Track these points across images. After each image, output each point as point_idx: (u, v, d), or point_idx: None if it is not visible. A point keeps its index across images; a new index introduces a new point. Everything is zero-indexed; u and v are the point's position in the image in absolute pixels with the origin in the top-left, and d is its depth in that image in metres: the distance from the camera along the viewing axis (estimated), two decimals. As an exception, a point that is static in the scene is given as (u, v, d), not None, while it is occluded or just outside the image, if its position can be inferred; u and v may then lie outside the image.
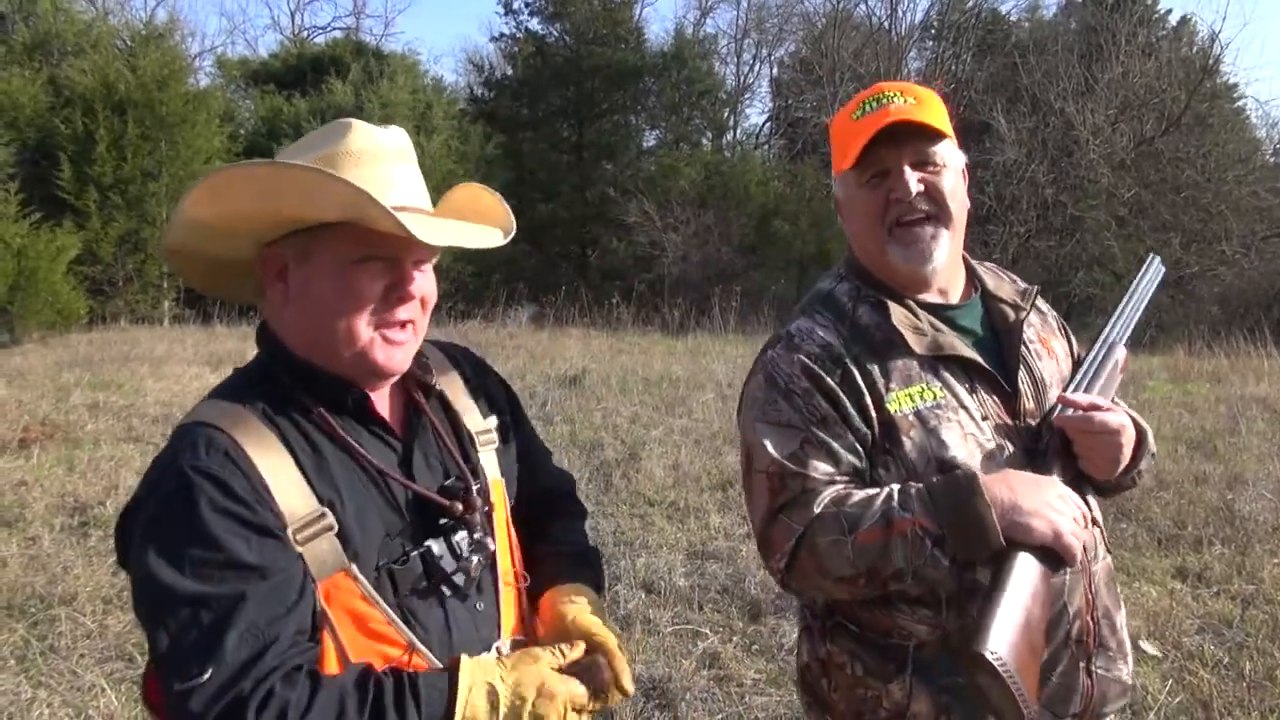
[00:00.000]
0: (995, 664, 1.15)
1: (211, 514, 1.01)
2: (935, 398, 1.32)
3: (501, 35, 24.41)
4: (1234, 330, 13.85)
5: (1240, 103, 23.89)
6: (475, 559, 1.18)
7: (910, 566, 1.22)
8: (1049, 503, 1.23)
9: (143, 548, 1.01)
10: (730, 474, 6.26)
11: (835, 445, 1.30)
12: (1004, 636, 1.17)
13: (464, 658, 1.07)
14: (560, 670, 1.13)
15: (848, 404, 1.31)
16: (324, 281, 1.10)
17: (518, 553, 1.32)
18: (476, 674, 1.04)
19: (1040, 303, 1.53)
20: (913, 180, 1.35)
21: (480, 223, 1.27)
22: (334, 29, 29.93)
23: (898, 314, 1.36)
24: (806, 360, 1.33)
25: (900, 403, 1.31)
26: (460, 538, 1.17)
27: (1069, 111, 19.76)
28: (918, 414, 1.31)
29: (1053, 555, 1.22)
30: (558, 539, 1.39)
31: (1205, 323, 15.34)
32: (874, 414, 1.31)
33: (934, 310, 1.40)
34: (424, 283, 1.16)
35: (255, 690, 0.96)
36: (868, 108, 1.37)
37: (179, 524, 1.01)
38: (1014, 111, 20.47)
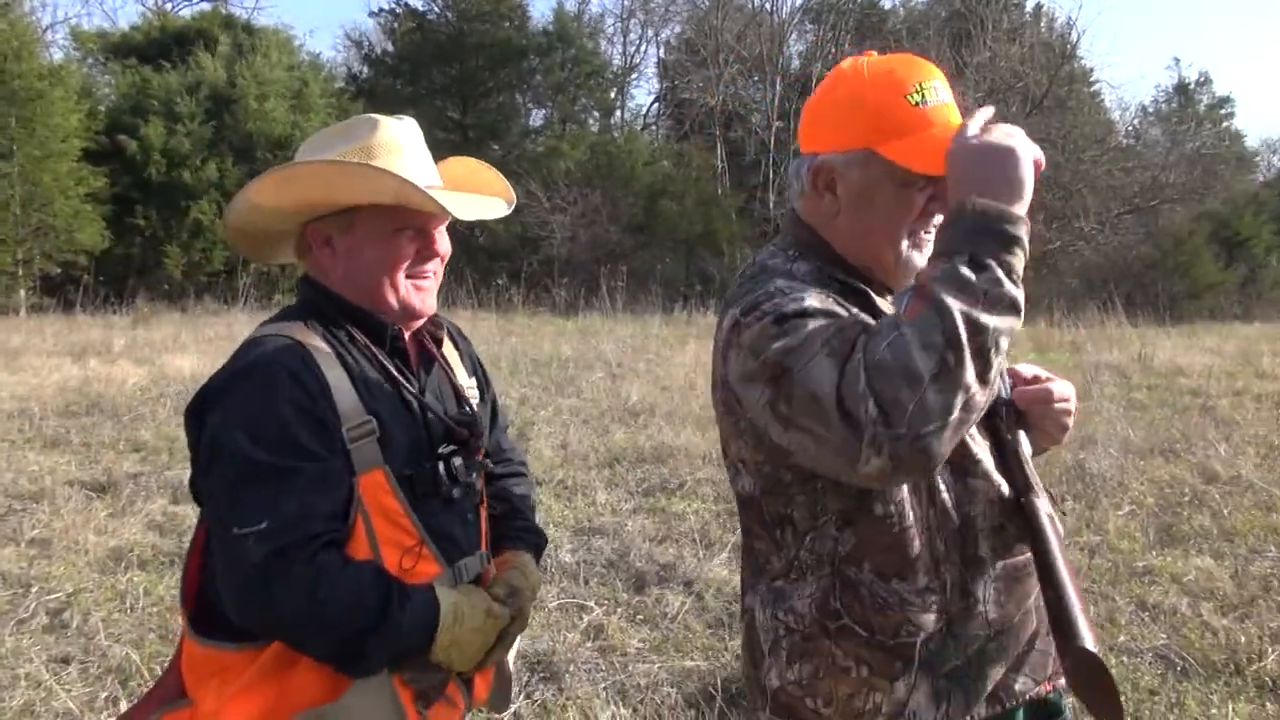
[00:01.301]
0: (1099, 657, 1.09)
1: (286, 403, 1.23)
2: None
3: (381, 11, 23.77)
4: (1091, 302, 14.72)
5: (1096, 87, 25.35)
6: (469, 480, 1.42)
7: (976, 305, 1.02)
8: (996, 148, 1.13)
9: (224, 422, 1.24)
10: (618, 452, 6.34)
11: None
12: (1088, 628, 1.11)
13: (437, 585, 1.30)
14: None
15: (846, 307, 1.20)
16: (370, 247, 1.37)
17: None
18: (448, 596, 1.30)
19: None
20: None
21: (485, 194, 1.52)
22: (200, 1, 28.42)
23: (882, 304, 1.26)
24: (814, 299, 1.15)
25: None
26: (459, 461, 1.40)
27: (941, 94, 20.60)
28: None
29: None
30: (525, 511, 1.65)
31: (1065, 295, 16.29)
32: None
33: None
34: (443, 242, 1.44)
35: (301, 545, 1.18)
36: (927, 96, 1.20)
37: (258, 406, 1.23)
38: (890, 94, 21.23)
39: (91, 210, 16.26)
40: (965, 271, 1.03)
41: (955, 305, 1.01)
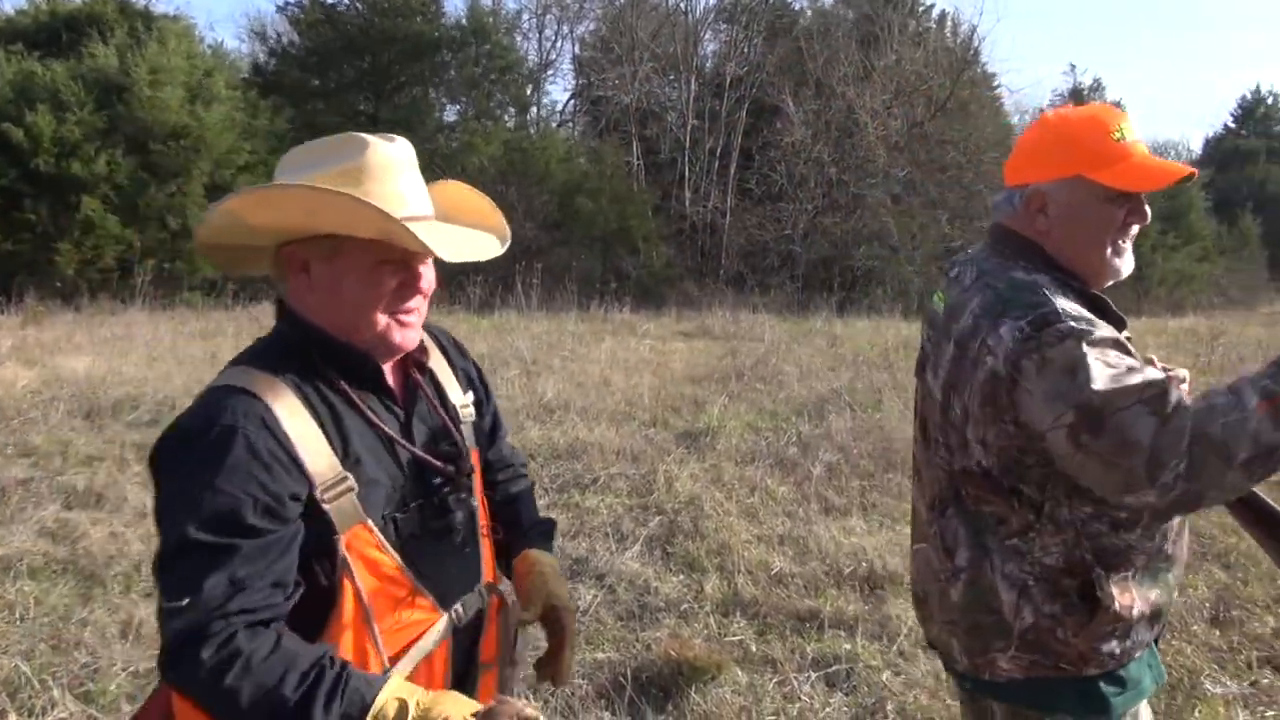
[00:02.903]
0: None
1: (232, 474, 1.16)
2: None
3: (287, 3, 23.07)
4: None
5: (996, 90, 26.27)
6: (460, 513, 1.39)
7: None
8: None
9: (168, 490, 1.20)
10: (533, 448, 6.34)
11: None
12: None
13: (394, 675, 1.21)
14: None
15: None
16: (349, 278, 1.29)
17: (486, 510, 1.53)
18: (397, 691, 1.16)
19: None
20: (1148, 213, 1.59)
21: (475, 225, 1.45)
22: (93, -15, 27.09)
23: (1110, 310, 1.55)
24: (1105, 331, 1.42)
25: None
26: (449, 495, 1.37)
27: (849, 95, 21.07)
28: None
29: None
30: (527, 506, 1.64)
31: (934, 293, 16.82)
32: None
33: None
34: (428, 276, 1.35)
35: (218, 629, 1.11)
36: (1126, 135, 1.54)
37: (204, 476, 1.16)
38: (801, 94, 21.60)
39: (-26, 204, 15.41)
40: None
41: None
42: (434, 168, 18.85)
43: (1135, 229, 1.58)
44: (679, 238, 21.19)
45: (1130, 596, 1.50)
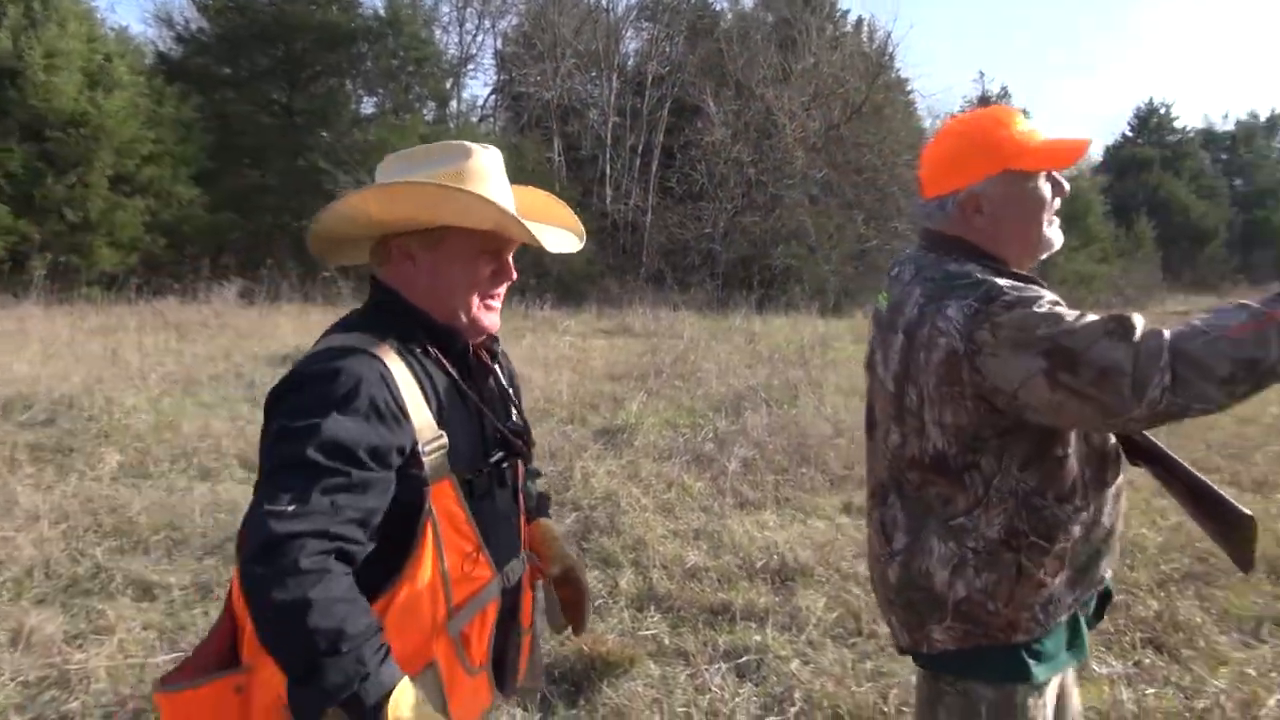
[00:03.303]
0: (1254, 520, 1.58)
1: (353, 413, 1.27)
2: None
3: (195, -13, 22.27)
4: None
5: (910, 95, 27.00)
6: (516, 484, 1.55)
7: None
8: None
9: (288, 414, 1.28)
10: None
11: None
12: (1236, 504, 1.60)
13: (405, 680, 1.23)
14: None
15: None
16: (453, 266, 1.45)
17: None
18: (408, 692, 1.23)
19: None
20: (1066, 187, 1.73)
21: (553, 224, 1.62)
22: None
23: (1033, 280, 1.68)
24: (1049, 294, 1.55)
25: None
26: (509, 466, 1.53)
27: (768, 97, 21.39)
28: None
29: None
30: (531, 481, 1.80)
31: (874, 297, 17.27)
32: None
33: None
34: (512, 268, 1.53)
35: (316, 544, 1.19)
36: (1025, 122, 1.68)
37: (325, 408, 1.26)
38: (721, 95, 21.84)
39: None
40: None
41: (1275, 351, 1.36)
42: (350, 162, 18.46)
43: (1058, 202, 1.72)
44: (600, 235, 21.18)
45: (1059, 567, 1.60)
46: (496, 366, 1.61)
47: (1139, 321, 1.43)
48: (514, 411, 1.60)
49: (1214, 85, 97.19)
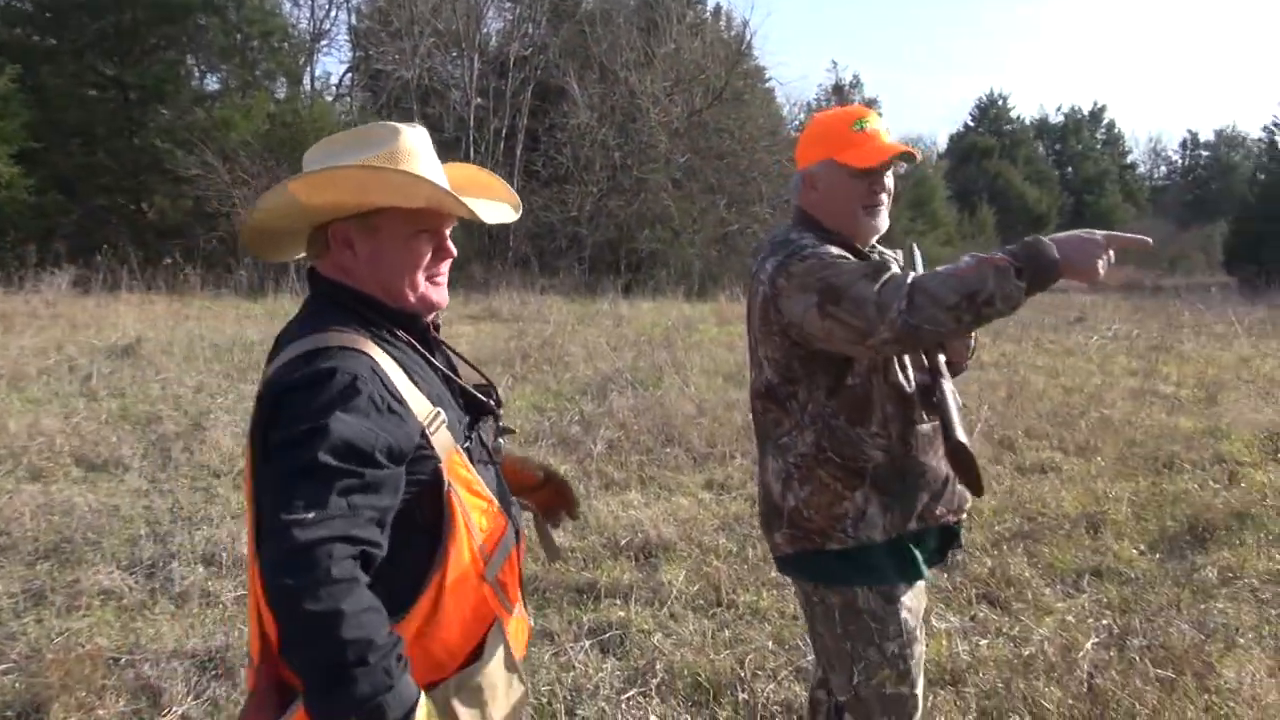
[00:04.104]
0: (969, 448, 1.82)
1: (358, 413, 1.28)
2: None
3: (11, -52, 20.42)
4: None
5: (769, 83, 27.66)
6: (500, 439, 1.63)
7: (1000, 290, 1.65)
8: (1083, 247, 1.70)
9: (293, 419, 1.27)
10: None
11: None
12: (963, 432, 1.84)
13: (423, 695, 1.27)
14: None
15: None
16: (392, 248, 1.45)
17: None
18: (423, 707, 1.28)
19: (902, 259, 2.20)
20: (890, 183, 2.01)
21: (490, 198, 1.63)
22: None
23: (859, 251, 1.97)
24: (830, 248, 1.88)
25: None
26: (487, 424, 1.59)
27: (631, 81, 21.48)
28: None
29: (1087, 278, 1.72)
30: (504, 438, 1.86)
31: (745, 274, 17.70)
32: None
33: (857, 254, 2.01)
34: (451, 243, 1.55)
35: (341, 550, 1.19)
36: (864, 126, 1.97)
37: (329, 411, 1.26)
38: (585, 78, 21.78)
39: None
40: (1013, 275, 1.66)
41: (991, 285, 1.65)
42: (192, 140, 17.44)
43: (882, 196, 2.00)
44: (465, 220, 20.75)
45: (859, 484, 1.91)
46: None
47: (892, 268, 1.79)
48: (475, 373, 1.67)
49: (1050, 79, 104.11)
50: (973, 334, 2.07)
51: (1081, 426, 6.68)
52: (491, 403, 1.61)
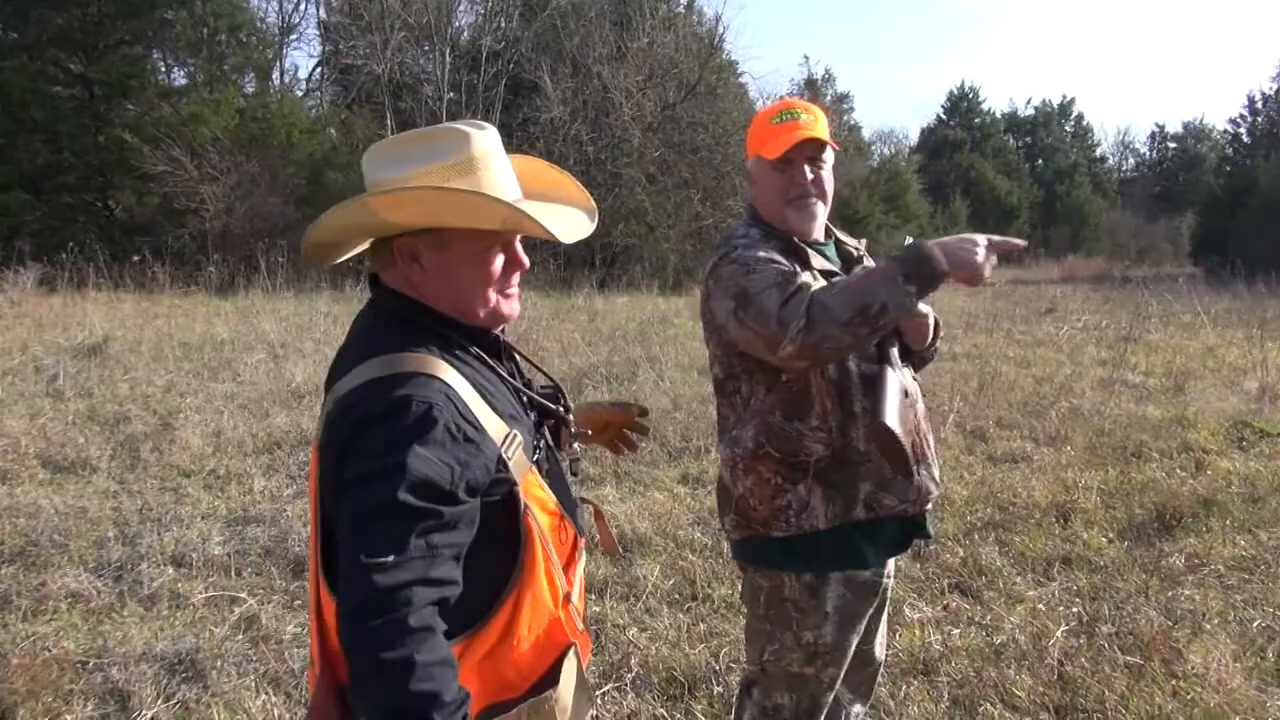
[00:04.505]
0: (894, 431, 1.80)
1: (436, 446, 1.23)
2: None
3: (-30, -61, 20.00)
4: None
5: (742, 77, 27.67)
6: (573, 445, 1.65)
7: (891, 299, 1.71)
8: (966, 248, 1.77)
9: (369, 454, 1.23)
10: (279, 436, 6.02)
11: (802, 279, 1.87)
12: (893, 416, 1.82)
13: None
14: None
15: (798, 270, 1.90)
16: (462, 266, 1.40)
17: None
18: None
19: (864, 249, 2.22)
20: (808, 173, 1.99)
21: (558, 200, 1.55)
22: None
23: (798, 247, 1.97)
24: (768, 249, 1.92)
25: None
26: (559, 433, 1.61)
27: (605, 75, 21.42)
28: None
29: (973, 278, 1.78)
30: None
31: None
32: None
33: (810, 245, 2.02)
34: (524, 254, 1.48)
35: (418, 589, 1.17)
36: (785, 118, 2.00)
37: (406, 445, 1.22)
38: (558, 72, 21.69)
39: None
40: (901, 282, 1.72)
41: (882, 295, 1.72)
42: (160, 136, 17.20)
43: (808, 187, 2.01)
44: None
45: (801, 477, 1.93)
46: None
47: (800, 280, 1.84)
48: (538, 375, 1.66)
49: (1020, 72, 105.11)
50: (935, 319, 2.08)
51: (1052, 416, 6.75)
52: (560, 408, 1.59)
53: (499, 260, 1.43)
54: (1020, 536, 4.36)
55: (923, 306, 2.02)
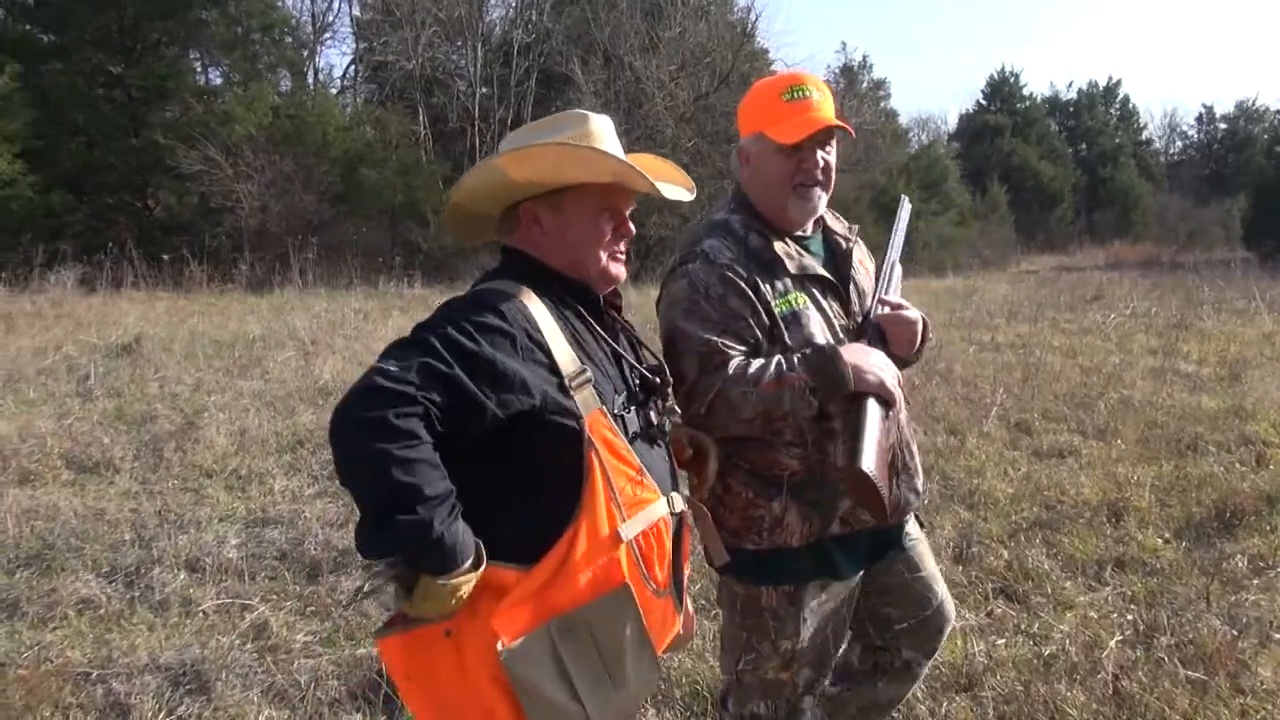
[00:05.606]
0: (871, 476, 1.71)
1: (488, 333, 1.40)
2: (803, 304, 1.88)
3: (12, -53, 20.30)
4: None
5: (775, 65, 27.30)
6: (666, 420, 1.67)
7: (794, 409, 1.74)
8: (879, 365, 1.79)
9: (433, 320, 1.42)
10: (304, 434, 5.94)
11: (744, 333, 1.80)
12: (871, 458, 1.72)
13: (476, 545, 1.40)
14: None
15: (753, 301, 1.81)
16: (577, 226, 1.60)
17: None
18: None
19: (856, 235, 2.11)
20: (820, 159, 1.87)
21: (664, 178, 1.70)
22: None
23: (778, 245, 1.89)
24: (723, 271, 1.81)
25: (780, 307, 1.85)
26: (656, 405, 1.65)
27: (637, 66, 21.23)
28: (793, 314, 1.85)
29: (883, 400, 1.77)
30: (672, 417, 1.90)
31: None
32: (764, 314, 1.82)
33: (796, 240, 1.93)
34: (630, 222, 1.67)
35: (412, 404, 1.29)
36: (796, 95, 1.85)
37: (465, 320, 1.40)
38: (590, 64, 21.54)
39: None
40: (808, 394, 1.74)
41: (787, 405, 1.74)
42: (196, 136, 17.33)
43: (816, 174, 1.88)
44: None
45: (775, 493, 1.87)
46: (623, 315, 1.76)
47: (720, 356, 1.77)
48: (647, 353, 1.73)
49: (1063, 55, 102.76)
50: (926, 325, 2.01)
51: (1100, 408, 6.46)
52: (659, 380, 1.67)
53: (609, 225, 1.62)
54: (1069, 537, 4.12)
55: (911, 311, 1.96)
